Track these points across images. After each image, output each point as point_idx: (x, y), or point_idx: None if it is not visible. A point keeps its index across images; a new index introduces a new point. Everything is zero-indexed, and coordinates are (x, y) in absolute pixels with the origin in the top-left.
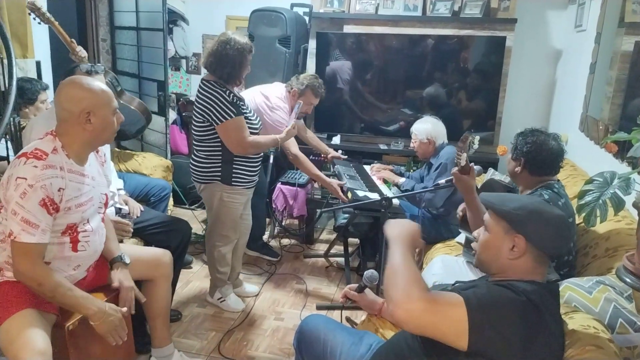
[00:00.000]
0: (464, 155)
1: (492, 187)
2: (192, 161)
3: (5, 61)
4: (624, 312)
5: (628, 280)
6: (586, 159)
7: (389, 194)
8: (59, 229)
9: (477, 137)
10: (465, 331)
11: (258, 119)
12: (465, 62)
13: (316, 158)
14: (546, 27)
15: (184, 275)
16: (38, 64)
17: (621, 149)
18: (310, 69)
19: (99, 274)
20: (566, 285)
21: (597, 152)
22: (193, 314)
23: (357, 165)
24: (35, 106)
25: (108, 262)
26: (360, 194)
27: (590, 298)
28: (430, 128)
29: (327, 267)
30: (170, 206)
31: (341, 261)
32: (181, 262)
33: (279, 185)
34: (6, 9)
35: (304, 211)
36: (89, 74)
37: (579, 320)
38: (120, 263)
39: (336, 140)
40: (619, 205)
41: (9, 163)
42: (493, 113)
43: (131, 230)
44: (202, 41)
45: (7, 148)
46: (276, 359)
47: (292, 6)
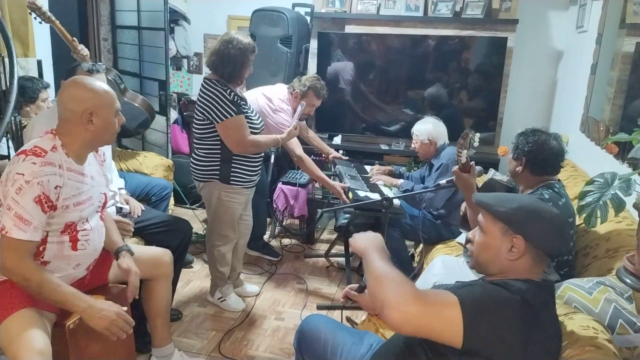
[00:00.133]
0: (465, 152)
1: (493, 187)
2: (192, 160)
3: (7, 60)
4: (624, 313)
5: (628, 281)
6: (587, 160)
7: (389, 194)
8: (58, 228)
9: (477, 135)
10: (460, 330)
11: (260, 119)
12: (466, 62)
13: (317, 158)
14: (547, 28)
15: (184, 274)
16: (39, 62)
17: (622, 150)
18: (312, 69)
19: (98, 273)
20: (566, 285)
21: (597, 153)
22: (193, 314)
23: (358, 165)
24: (36, 105)
25: (113, 254)
26: (361, 194)
27: (590, 299)
28: (432, 128)
29: (327, 267)
30: (171, 206)
31: (342, 261)
32: (182, 262)
33: (280, 185)
34: (7, 8)
35: (304, 211)
36: (90, 72)
37: (578, 321)
38: (126, 251)
39: (337, 140)
40: (619, 206)
41: None
42: (494, 114)
43: (132, 230)
44: (203, 41)
45: (8, 147)
46: (276, 358)
47: (294, 6)
